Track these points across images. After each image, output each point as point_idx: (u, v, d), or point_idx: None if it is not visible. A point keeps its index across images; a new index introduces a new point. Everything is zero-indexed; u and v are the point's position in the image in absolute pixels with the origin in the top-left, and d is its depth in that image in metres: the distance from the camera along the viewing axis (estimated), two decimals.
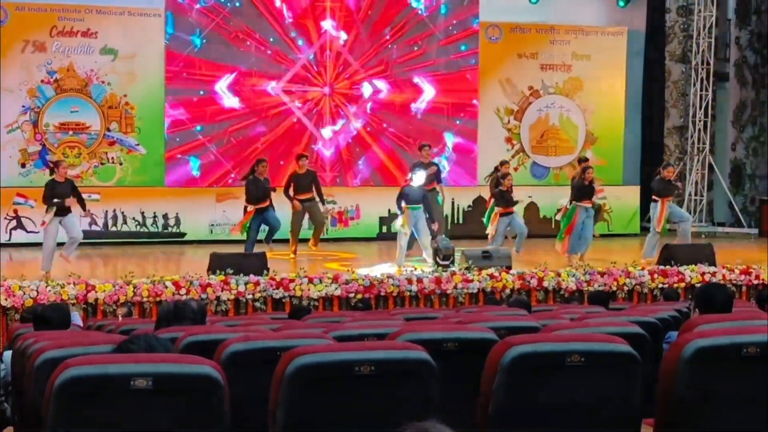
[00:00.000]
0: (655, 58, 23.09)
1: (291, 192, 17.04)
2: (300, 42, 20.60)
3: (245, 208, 16.52)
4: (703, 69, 22.34)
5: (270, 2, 20.39)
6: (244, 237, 16.43)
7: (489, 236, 16.92)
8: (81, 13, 19.43)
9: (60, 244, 15.02)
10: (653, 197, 17.06)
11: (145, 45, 19.84)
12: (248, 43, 20.29)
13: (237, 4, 20.17)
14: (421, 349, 4.36)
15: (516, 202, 17.15)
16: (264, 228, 16.62)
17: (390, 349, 4.43)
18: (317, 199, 17.32)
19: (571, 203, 17.02)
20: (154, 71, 19.90)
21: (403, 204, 15.97)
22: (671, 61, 23.18)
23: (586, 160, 18.65)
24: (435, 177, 17.56)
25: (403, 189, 16.23)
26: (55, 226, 14.81)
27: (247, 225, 16.22)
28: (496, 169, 17.74)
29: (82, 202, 15.14)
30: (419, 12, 21.22)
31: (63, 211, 14.80)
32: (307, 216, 17.50)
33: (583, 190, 16.92)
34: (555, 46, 22.27)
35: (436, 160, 19.18)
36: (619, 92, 22.62)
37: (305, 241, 17.53)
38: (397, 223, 16.35)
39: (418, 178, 16.26)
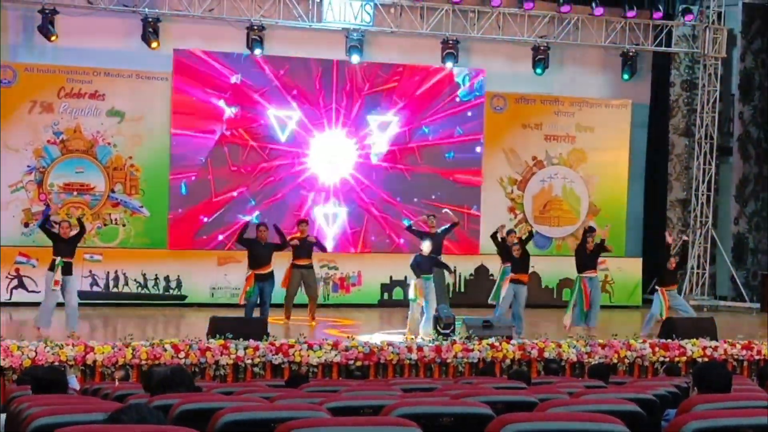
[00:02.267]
0: (658, 131, 23.20)
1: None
2: (304, 106, 20.71)
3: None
4: (706, 143, 22.43)
5: (276, 70, 20.57)
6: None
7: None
8: (89, 75, 19.59)
9: (60, 305, 14.97)
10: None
11: (152, 108, 19.97)
12: (255, 106, 20.44)
13: (243, 67, 20.34)
14: (414, 425, 4.34)
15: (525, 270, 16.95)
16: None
17: (383, 425, 4.40)
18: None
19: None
20: (160, 134, 20.00)
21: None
22: (675, 135, 23.28)
23: (593, 230, 18.44)
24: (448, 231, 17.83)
25: (416, 258, 16.28)
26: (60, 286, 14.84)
27: (250, 292, 16.21)
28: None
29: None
30: (425, 80, 21.37)
31: (66, 270, 14.85)
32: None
33: (586, 260, 16.94)
34: (559, 118, 22.38)
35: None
36: (623, 164, 22.69)
37: (298, 306, 17.59)
38: (410, 294, 16.31)
39: (426, 246, 16.33)
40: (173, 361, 13.00)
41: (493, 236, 17.40)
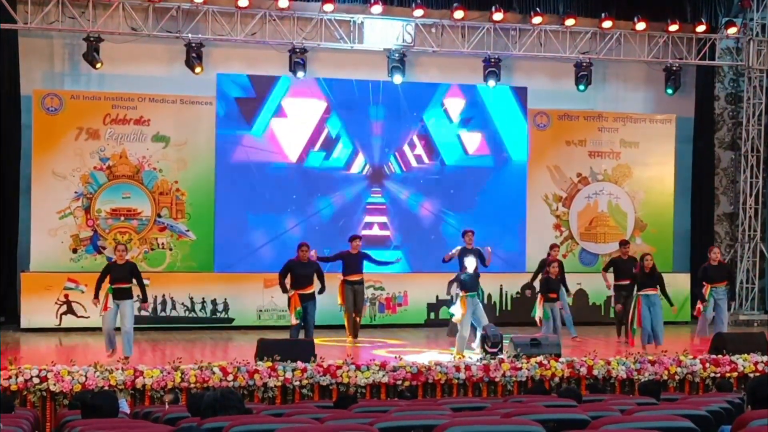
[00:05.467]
0: (704, 145, 23.01)
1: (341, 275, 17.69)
2: (350, 126, 20.80)
3: (287, 291, 16.54)
4: (752, 156, 22.24)
5: (320, 91, 20.68)
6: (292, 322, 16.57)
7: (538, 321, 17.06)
8: (134, 101, 19.77)
9: (117, 329, 14.98)
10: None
11: (197, 132, 20.11)
12: (299, 124, 20.56)
13: (286, 88, 20.47)
14: None
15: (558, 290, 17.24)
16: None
17: None
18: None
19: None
20: (205, 158, 20.14)
21: (460, 292, 15.95)
22: (720, 148, 23.11)
23: (627, 243, 18.66)
24: (481, 260, 17.81)
25: (459, 276, 16.18)
26: (113, 310, 14.83)
27: (300, 311, 16.27)
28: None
29: (142, 287, 15.23)
30: (467, 98, 21.40)
31: (121, 295, 14.89)
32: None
33: (644, 279, 16.86)
34: (603, 134, 22.29)
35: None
36: (668, 179, 22.54)
37: (336, 327, 17.94)
38: (457, 314, 16.15)
39: (471, 263, 16.23)
40: (222, 384, 13.06)
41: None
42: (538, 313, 17.08)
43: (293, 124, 20.58)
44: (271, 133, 20.49)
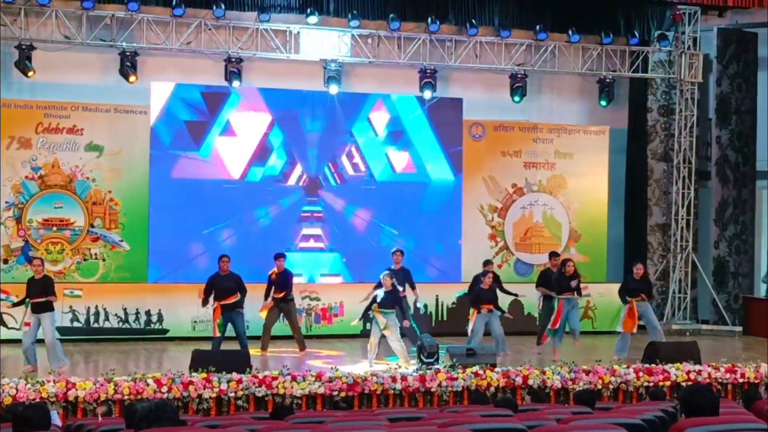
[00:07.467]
0: (637, 156, 23.26)
1: (271, 292, 17.67)
2: (284, 136, 20.75)
3: (206, 304, 16.55)
4: (684, 167, 22.52)
5: (253, 101, 20.61)
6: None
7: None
8: (67, 110, 19.54)
9: (40, 341, 14.86)
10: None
11: (131, 142, 19.92)
12: (235, 138, 20.45)
13: (227, 102, 20.37)
14: None
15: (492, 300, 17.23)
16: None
17: None
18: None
19: (552, 298, 17.45)
20: (139, 167, 19.95)
21: (374, 306, 16.07)
22: (653, 160, 23.36)
23: (557, 255, 18.88)
24: (408, 282, 17.83)
25: (377, 295, 16.34)
26: (34, 325, 14.78)
27: (221, 323, 16.35)
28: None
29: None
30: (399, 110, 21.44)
31: (38, 309, 14.79)
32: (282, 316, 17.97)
33: (563, 282, 17.18)
34: (538, 145, 22.45)
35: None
36: (602, 190, 22.76)
37: (276, 338, 17.86)
38: (380, 324, 16.22)
39: (385, 283, 16.27)
40: (156, 396, 12.92)
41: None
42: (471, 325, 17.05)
43: (238, 140, 20.54)
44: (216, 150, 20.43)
